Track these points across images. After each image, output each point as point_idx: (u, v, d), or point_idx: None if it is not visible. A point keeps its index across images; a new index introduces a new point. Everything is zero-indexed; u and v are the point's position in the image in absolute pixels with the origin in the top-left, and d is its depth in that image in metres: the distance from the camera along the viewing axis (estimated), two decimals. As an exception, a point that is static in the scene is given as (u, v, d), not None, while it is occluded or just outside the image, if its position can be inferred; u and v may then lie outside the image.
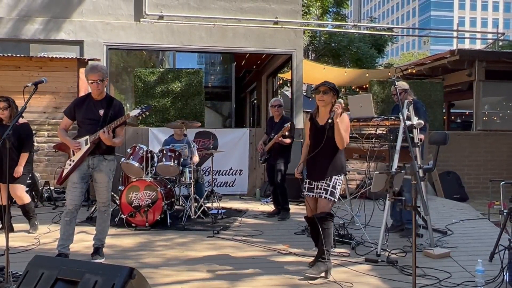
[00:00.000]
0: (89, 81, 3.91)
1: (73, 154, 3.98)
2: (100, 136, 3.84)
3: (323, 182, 3.72)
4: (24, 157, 4.90)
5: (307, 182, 3.85)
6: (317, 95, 3.73)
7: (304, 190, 3.87)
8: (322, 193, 3.70)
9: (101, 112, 3.95)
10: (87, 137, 3.92)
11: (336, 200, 3.73)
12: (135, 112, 3.88)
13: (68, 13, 9.30)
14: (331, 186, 3.68)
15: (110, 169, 4.06)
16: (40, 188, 7.15)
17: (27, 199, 5.07)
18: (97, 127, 3.88)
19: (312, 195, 3.79)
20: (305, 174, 3.93)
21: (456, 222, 5.82)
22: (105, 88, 4.03)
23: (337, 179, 3.72)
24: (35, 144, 7.18)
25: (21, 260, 3.73)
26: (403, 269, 3.82)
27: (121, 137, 4.08)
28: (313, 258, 3.83)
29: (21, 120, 4.83)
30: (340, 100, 3.65)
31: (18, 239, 4.77)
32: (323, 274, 3.60)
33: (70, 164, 3.97)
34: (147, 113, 4.08)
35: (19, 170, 4.86)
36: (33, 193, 6.97)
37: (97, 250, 4.07)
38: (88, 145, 3.90)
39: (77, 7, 9.34)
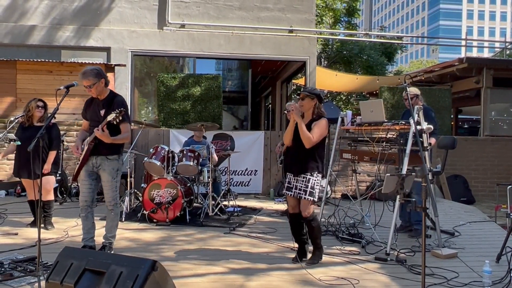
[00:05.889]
0: (84, 86, 3.83)
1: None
2: (96, 135, 3.75)
3: (302, 183, 3.78)
4: (52, 155, 4.98)
5: (286, 181, 3.93)
6: (299, 101, 3.86)
7: (284, 188, 3.99)
8: (302, 193, 3.78)
9: (102, 112, 3.84)
10: (88, 138, 3.88)
11: (315, 200, 3.79)
12: (112, 116, 3.71)
13: (96, 22, 9.47)
14: (309, 186, 3.74)
15: (113, 168, 3.90)
16: (69, 184, 7.27)
17: (52, 196, 5.09)
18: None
19: (291, 194, 3.85)
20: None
21: (463, 224, 5.71)
22: (103, 87, 3.86)
23: (315, 180, 3.77)
24: (65, 143, 7.31)
25: (51, 251, 3.80)
26: (412, 268, 3.77)
27: (126, 134, 3.89)
28: (320, 256, 3.80)
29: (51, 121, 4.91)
30: (293, 102, 3.81)
31: (48, 231, 4.86)
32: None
33: (77, 164, 3.99)
34: (123, 113, 3.79)
35: (48, 167, 4.95)
36: (62, 189, 7.09)
37: (103, 248, 3.98)
38: (87, 146, 3.84)
39: (105, 16, 9.50)
